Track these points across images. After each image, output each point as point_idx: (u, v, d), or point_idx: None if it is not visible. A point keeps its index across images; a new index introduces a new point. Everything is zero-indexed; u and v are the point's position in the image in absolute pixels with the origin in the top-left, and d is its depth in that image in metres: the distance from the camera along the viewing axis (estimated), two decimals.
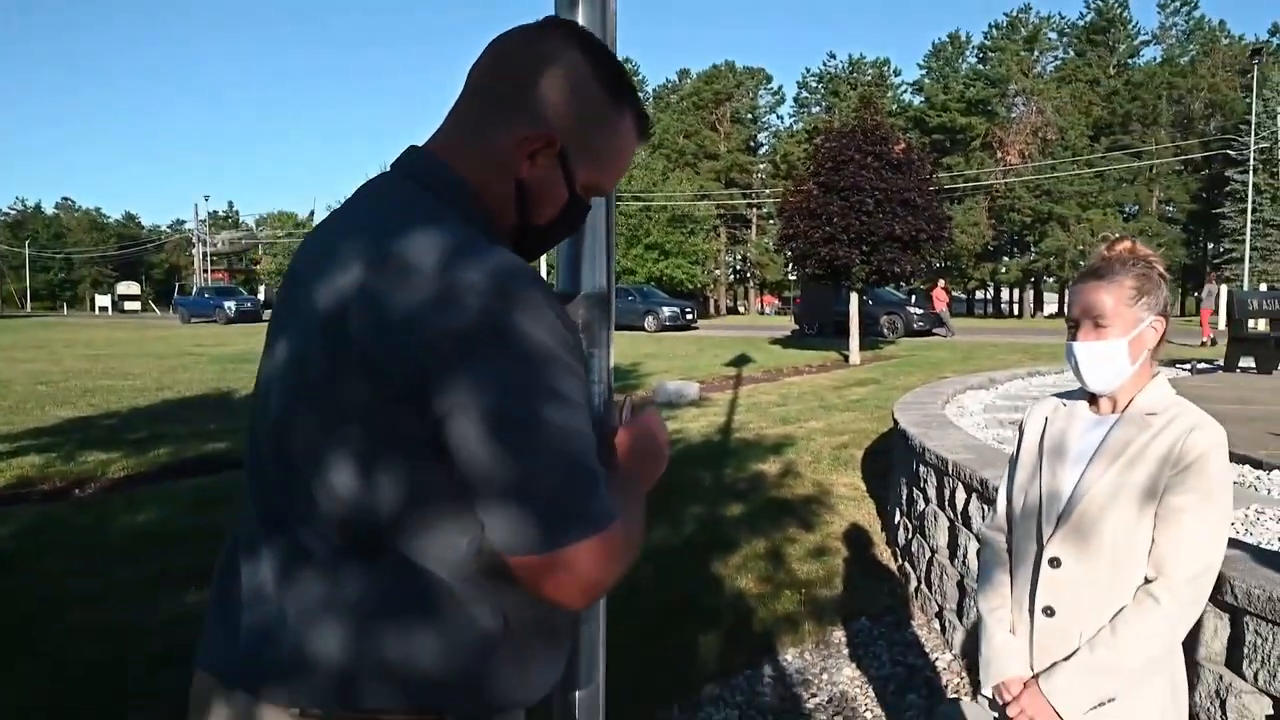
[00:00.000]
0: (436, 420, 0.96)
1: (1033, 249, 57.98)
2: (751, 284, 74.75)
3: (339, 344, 0.99)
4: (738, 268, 76.71)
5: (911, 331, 26.78)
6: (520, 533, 0.95)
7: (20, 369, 16.54)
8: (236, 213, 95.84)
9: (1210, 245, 56.67)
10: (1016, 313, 61.88)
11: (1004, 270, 61.43)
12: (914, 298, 28.63)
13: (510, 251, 1.05)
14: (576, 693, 1.48)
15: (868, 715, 3.47)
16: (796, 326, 29.47)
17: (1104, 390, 1.86)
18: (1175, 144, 55.53)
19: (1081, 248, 54.42)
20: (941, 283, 29.42)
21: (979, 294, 67.08)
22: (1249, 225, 37.35)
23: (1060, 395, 2.03)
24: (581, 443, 0.98)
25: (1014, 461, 2.03)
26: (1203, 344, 20.69)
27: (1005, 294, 66.89)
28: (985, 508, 3.93)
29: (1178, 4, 61.25)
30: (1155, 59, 60.32)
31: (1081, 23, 62.06)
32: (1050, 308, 59.59)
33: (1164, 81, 56.93)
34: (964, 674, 3.80)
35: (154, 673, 3.58)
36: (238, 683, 1.06)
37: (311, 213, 79.39)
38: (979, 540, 2.14)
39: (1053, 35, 62.94)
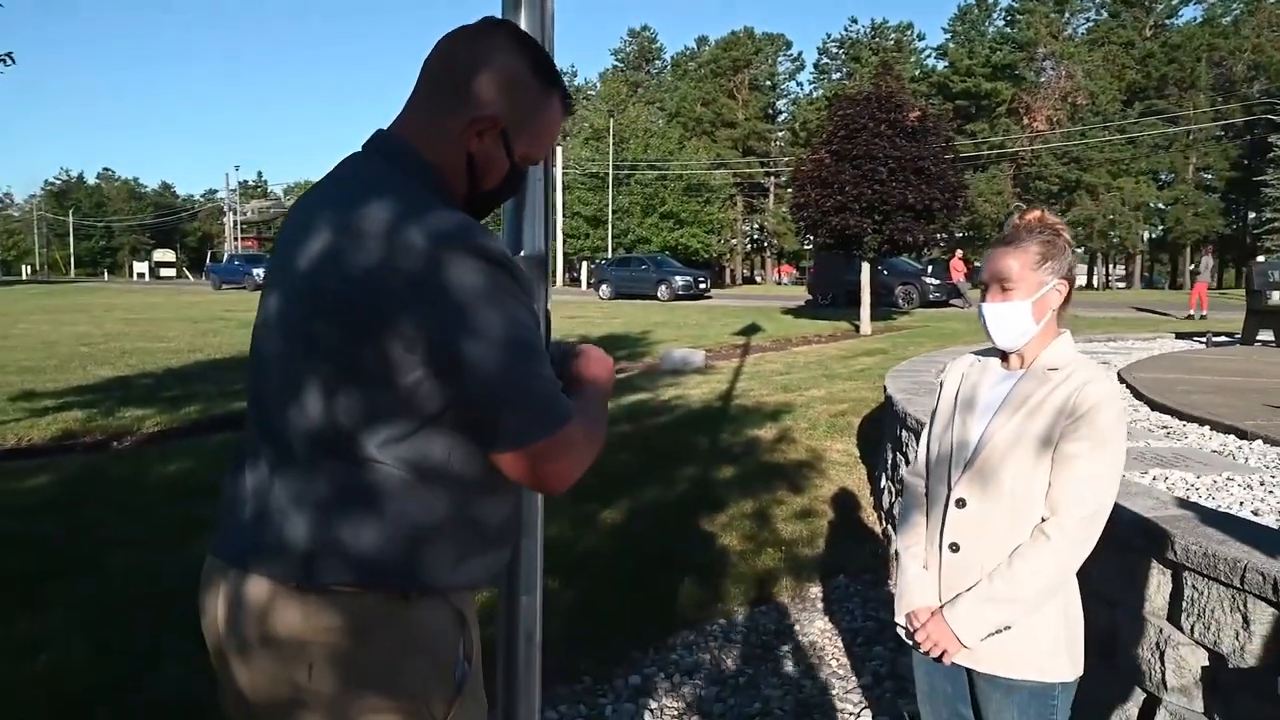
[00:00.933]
0: (399, 353, 1.22)
1: (1061, 218, 57.51)
2: (769, 253, 74.60)
3: (315, 296, 1.27)
4: (755, 237, 76.54)
5: (927, 302, 26.79)
6: (504, 433, 1.25)
7: (65, 331, 17.32)
8: (265, 182, 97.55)
9: (1251, 214, 55.94)
10: None
11: None
12: (931, 268, 28.62)
13: (461, 212, 1.31)
14: (522, 598, 1.76)
15: (834, 664, 3.73)
16: (810, 296, 29.55)
17: (1010, 347, 2.08)
18: (1215, 108, 54.66)
19: (1111, 217, 53.95)
20: (960, 253, 29.34)
21: None
22: None
23: (977, 353, 2.25)
24: (528, 348, 1.26)
25: (933, 413, 2.25)
26: (1189, 317, 20.63)
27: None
28: None
29: None
30: (1195, 19, 59.07)
31: None
32: (1080, 280, 59.15)
33: (1204, 43, 55.78)
34: None
35: (188, 605, 3.88)
36: (235, 562, 1.33)
37: None
38: (903, 485, 2.36)
39: None
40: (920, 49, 67.40)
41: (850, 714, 3.29)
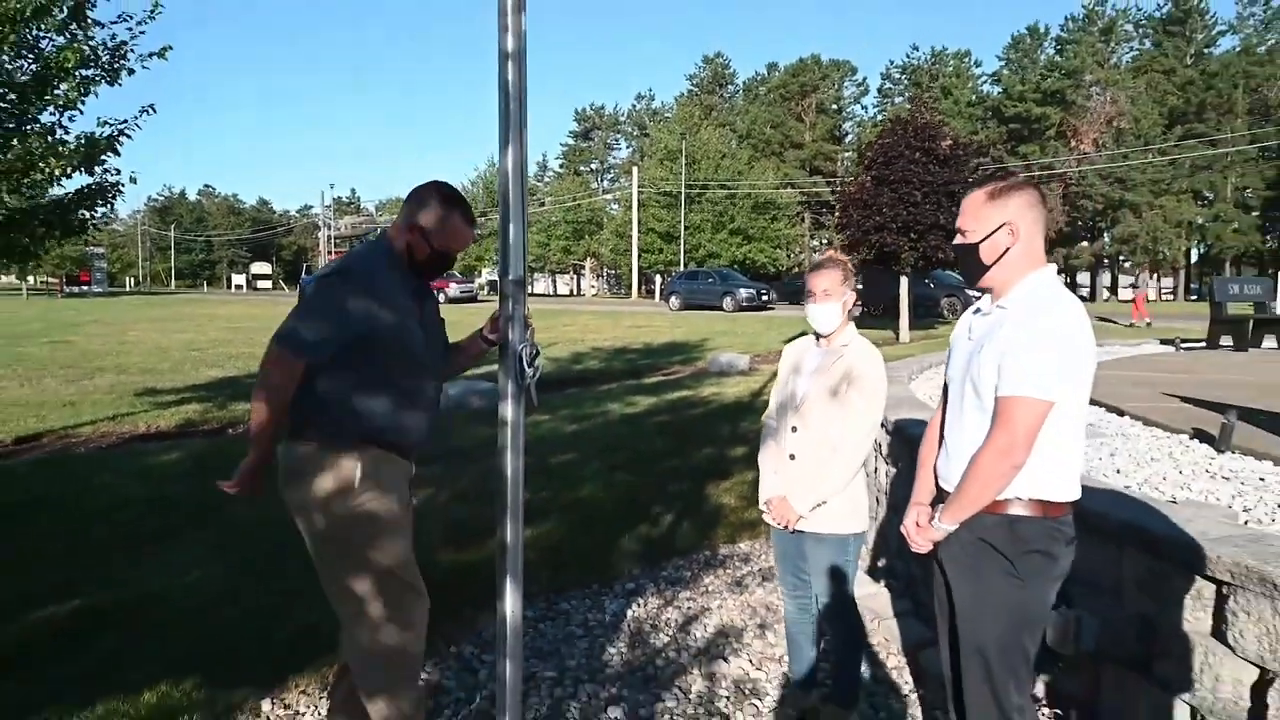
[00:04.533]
0: None
1: (1106, 234, 56.43)
2: None
3: None
4: (822, 248, 76.45)
5: None
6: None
7: (174, 338, 18.74)
8: (358, 199, 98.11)
9: None
10: (1089, 296, 60.26)
11: (1077, 255, 59.87)
12: None
13: (379, 264, 2.56)
14: (508, 523, 2.64)
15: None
16: (863, 308, 29.92)
17: (825, 332, 3.00)
18: (1251, 132, 53.09)
19: (1154, 234, 52.74)
20: None
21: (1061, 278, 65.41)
22: None
23: (803, 335, 3.16)
24: (316, 309, 2.45)
25: (777, 376, 3.20)
26: (1131, 325, 20.83)
27: (1082, 278, 65.09)
28: (890, 439, 4.93)
29: None
30: (1234, 48, 57.51)
31: (1159, 14, 59.57)
32: (1125, 293, 57.78)
33: (1240, 70, 54.33)
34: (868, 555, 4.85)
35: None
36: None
37: None
38: (763, 425, 3.23)
39: (1129, 27, 60.58)
40: (977, 74, 66.57)
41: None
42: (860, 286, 32.60)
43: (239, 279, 78.15)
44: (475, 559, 4.53)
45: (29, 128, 6.80)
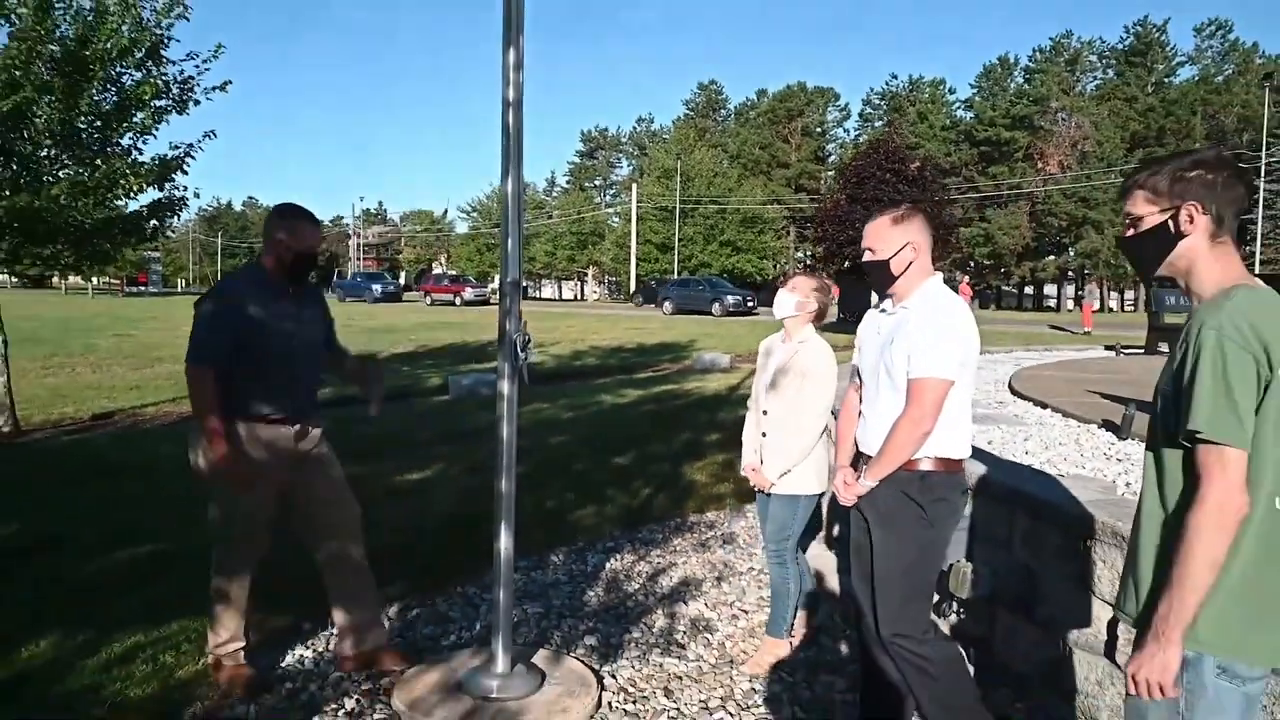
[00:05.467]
0: None
1: (1070, 249, 56.97)
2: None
3: None
4: (807, 263, 76.88)
5: None
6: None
7: None
8: (384, 210, 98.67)
9: (1246, 248, 54.69)
10: (1055, 307, 60.76)
11: (1043, 268, 60.37)
12: None
13: (245, 282, 3.16)
14: (503, 483, 3.06)
15: (742, 543, 4.96)
16: (840, 314, 30.36)
17: (778, 315, 3.46)
18: None
19: (1115, 249, 53.29)
20: (966, 279, 29.90)
21: (1028, 289, 65.86)
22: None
23: (774, 335, 3.55)
24: (202, 328, 2.97)
25: (757, 364, 3.57)
26: (1087, 333, 21.39)
27: (1049, 289, 65.58)
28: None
29: (1213, 28, 58.81)
30: (1192, 78, 58.08)
31: (1121, 46, 60.12)
32: (1095, 304, 58.19)
33: (1198, 98, 54.86)
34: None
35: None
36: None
37: (445, 211, 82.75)
38: (748, 407, 3.65)
39: (1093, 58, 61.15)
40: (951, 101, 67.05)
41: (742, 572, 4.55)
42: (835, 298, 33.46)
43: None
44: (481, 518, 4.91)
45: (111, 149, 7.37)
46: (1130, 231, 1.77)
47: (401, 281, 57.27)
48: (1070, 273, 59.25)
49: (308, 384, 3.26)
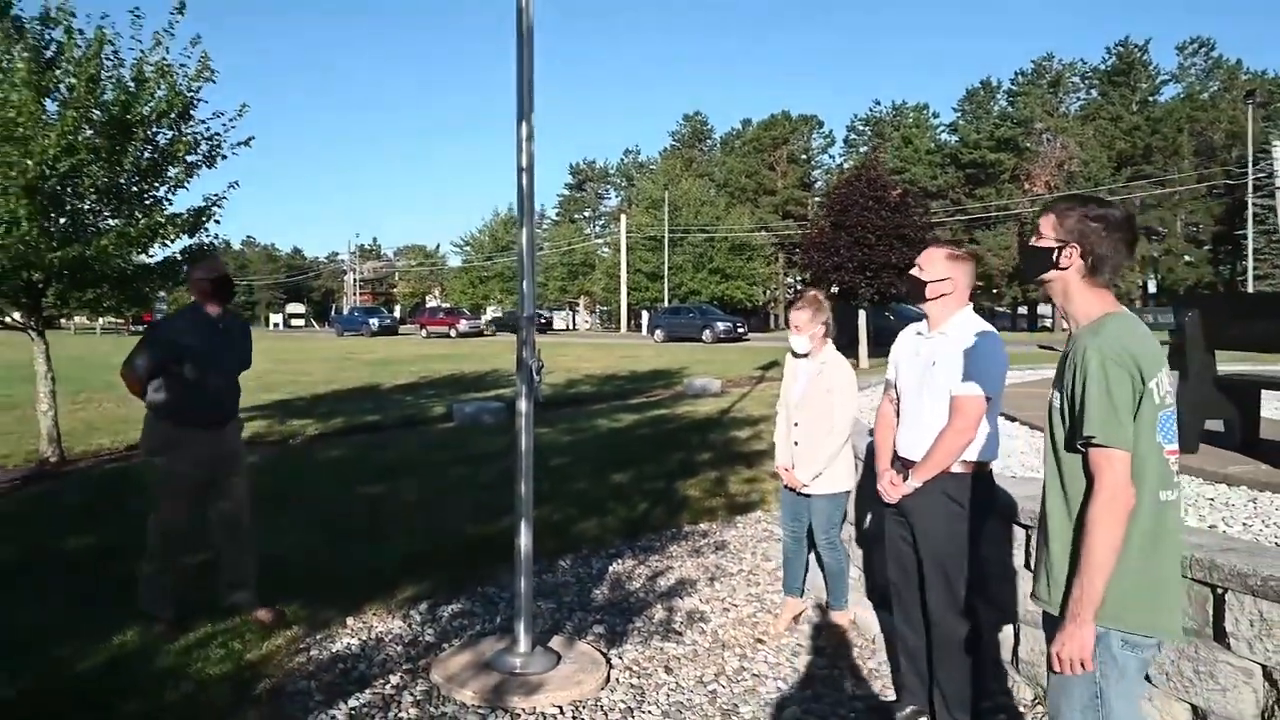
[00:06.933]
0: None
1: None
2: None
3: None
4: (797, 288, 77.88)
5: None
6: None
7: None
8: (379, 246, 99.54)
9: (1239, 264, 55.79)
10: (1050, 327, 61.63)
11: (1034, 289, 61.19)
12: None
13: (180, 317, 4.31)
14: (521, 486, 3.66)
15: (733, 549, 5.53)
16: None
17: (800, 352, 4.06)
18: (1198, 172, 54.78)
19: None
20: None
21: (1021, 309, 66.72)
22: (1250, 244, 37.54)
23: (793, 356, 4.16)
24: (138, 347, 4.09)
25: (783, 381, 4.21)
26: None
27: (1044, 309, 66.46)
28: None
29: (1195, 46, 60.35)
30: (1177, 95, 59.28)
31: (1104, 66, 61.55)
32: None
33: (1184, 116, 55.99)
34: None
35: (360, 514, 5.89)
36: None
37: (438, 245, 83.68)
38: (776, 412, 4.29)
39: (1076, 79, 62.57)
40: (935, 125, 68.39)
41: (733, 573, 5.11)
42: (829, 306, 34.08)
43: (276, 318, 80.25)
44: (494, 530, 5.53)
45: (149, 202, 8.11)
46: (1030, 240, 2.12)
47: (397, 315, 58.02)
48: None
49: (227, 392, 4.24)
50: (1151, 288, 57.74)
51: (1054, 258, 2.03)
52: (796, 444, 4.00)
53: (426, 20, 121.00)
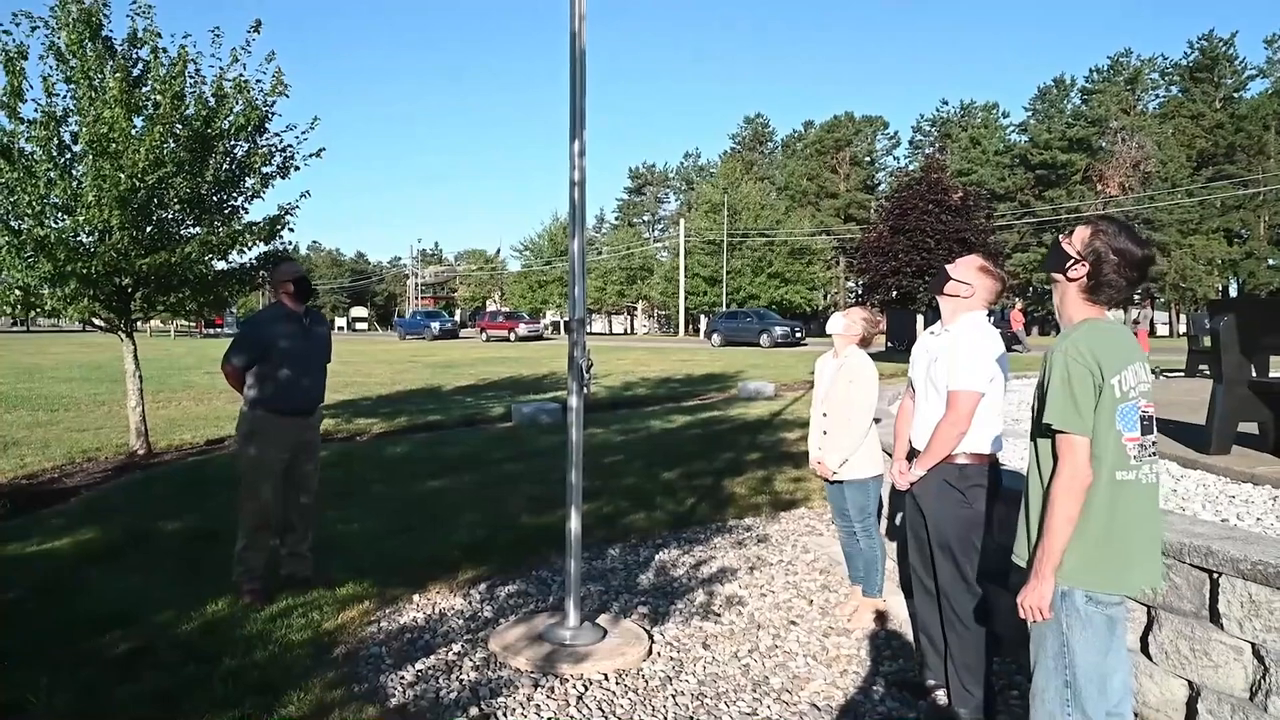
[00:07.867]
0: None
1: None
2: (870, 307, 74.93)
3: None
4: (859, 293, 77.20)
5: None
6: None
7: None
8: (440, 251, 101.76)
9: None
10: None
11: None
12: (992, 317, 29.59)
13: (267, 314, 4.80)
14: (571, 474, 4.03)
15: (774, 542, 5.83)
16: (890, 343, 30.89)
17: (830, 331, 4.41)
18: None
19: (1181, 271, 52.66)
20: (1019, 304, 30.22)
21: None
22: None
23: (825, 355, 4.48)
24: (235, 344, 4.67)
25: (815, 379, 4.51)
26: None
27: (1114, 314, 64.65)
28: None
29: None
30: (1265, 91, 56.95)
31: (1186, 62, 59.68)
32: (1161, 329, 57.22)
33: (1271, 112, 54.16)
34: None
35: (424, 504, 6.36)
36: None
37: (498, 250, 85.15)
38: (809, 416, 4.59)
39: (1155, 75, 60.84)
40: (1004, 124, 67.25)
41: (772, 564, 5.41)
42: (880, 329, 34.11)
43: (340, 321, 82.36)
44: (549, 521, 5.93)
45: (227, 210, 8.79)
46: (1058, 239, 2.39)
47: (458, 319, 59.37)
48: (1136, 295, 58.65)
49: (314, 386, 4.72)
50: (1233, 291, 55.88)
51: (1066, 266, 2.30)
52: (825, 434, 4.31)
53: (487, 35, 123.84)
